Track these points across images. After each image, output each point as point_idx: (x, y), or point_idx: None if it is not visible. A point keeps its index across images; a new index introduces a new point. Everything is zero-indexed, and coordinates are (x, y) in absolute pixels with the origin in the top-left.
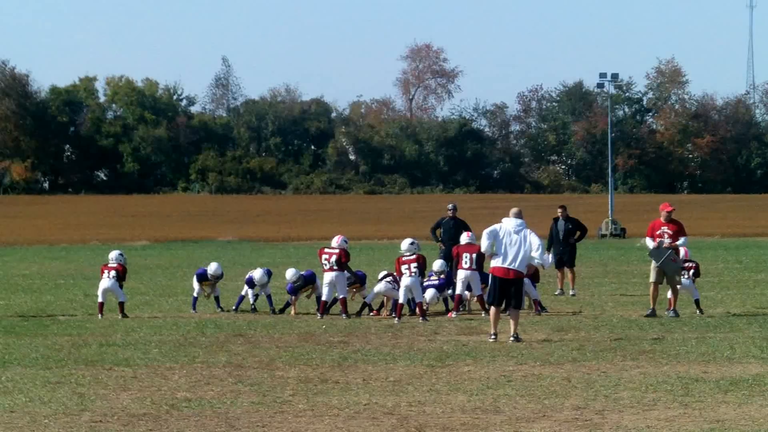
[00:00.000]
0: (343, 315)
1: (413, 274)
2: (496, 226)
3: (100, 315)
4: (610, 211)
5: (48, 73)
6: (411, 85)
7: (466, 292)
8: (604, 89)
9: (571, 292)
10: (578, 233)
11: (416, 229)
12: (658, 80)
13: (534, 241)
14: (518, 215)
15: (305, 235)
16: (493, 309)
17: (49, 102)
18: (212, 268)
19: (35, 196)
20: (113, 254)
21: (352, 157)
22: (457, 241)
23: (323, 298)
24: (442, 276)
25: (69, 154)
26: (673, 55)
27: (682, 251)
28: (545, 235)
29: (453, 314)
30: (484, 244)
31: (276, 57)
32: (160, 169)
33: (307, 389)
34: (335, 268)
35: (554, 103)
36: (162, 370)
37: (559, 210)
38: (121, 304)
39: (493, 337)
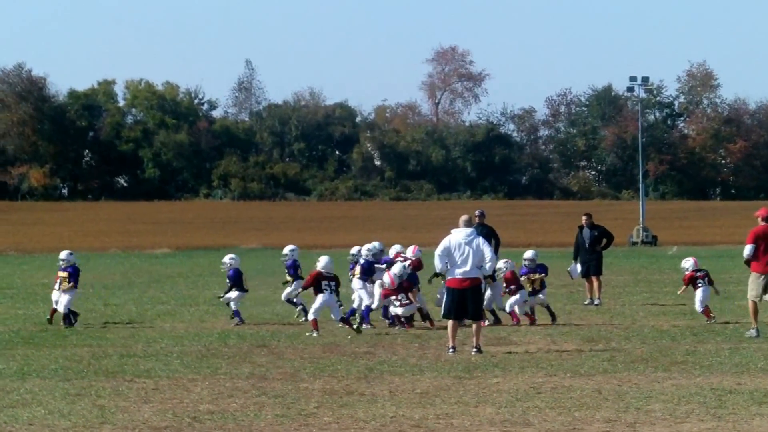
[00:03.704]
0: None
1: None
2: (446, 241)
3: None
4: (641, 218)
5: (66, 76)
6: (437, 88)
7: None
8: (635, 93)
9: (596, 301)
10: (605, 241)
11: (443, 236)
12: (689, 84)
13: (486, 252)
14: (468, 224)
15: (330, 243)
16: (450, 322)
17: (67, 106)
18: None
19: (54, 202)
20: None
21: (377, 163)
22: None
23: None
24: None
25: (88, 159)
26: (704, 59)
27: None
28: (571, 244)
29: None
30: (438, 265)
31: (300, 60)
32: (182, 175)
33: (333, 401)
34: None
35: (583, 108)
36: (184, 381)
37: (584, 218)
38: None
39: (452, 350)
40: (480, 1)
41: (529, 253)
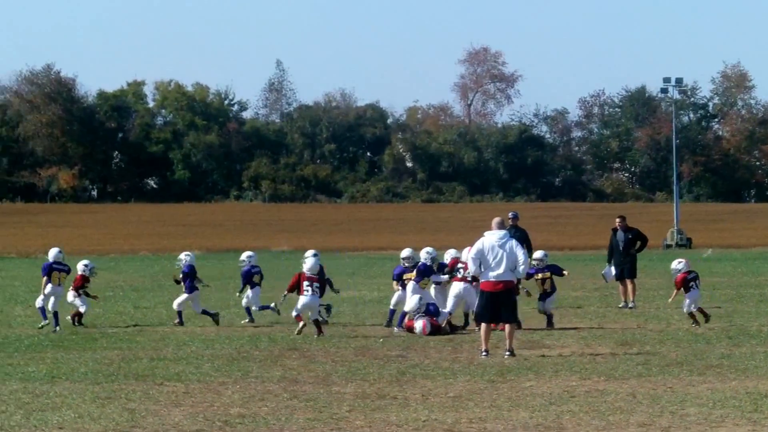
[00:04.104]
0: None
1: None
2: (479, 244)
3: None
4: (675, 221)
5: (95, 77)
6: (469, 90)
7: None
8: (668, 94)
9: (630, 305)
10: (639, 244)
11: (475, 239)
12: (723, 85)
13: (519, 255)
14: (501, 226)
15: (361, 245)
16: (483, 325)
17: (96, 107)
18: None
19: (83, 204)
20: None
21: (409, 165)
22: None
23: (448, 309)
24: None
25: (117, 161)
26: (739, 60)
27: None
28: (605, 246)
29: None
30: (472, 267)
31: (331, 61)
32: (212, 177)
33: (365, 405)
34: (468, 279)
35: (617, 109)
36: (215, 385)
37: (618, 220)
38: None
39: (485, 353)
40: (512, 1)
41: (538, 253)
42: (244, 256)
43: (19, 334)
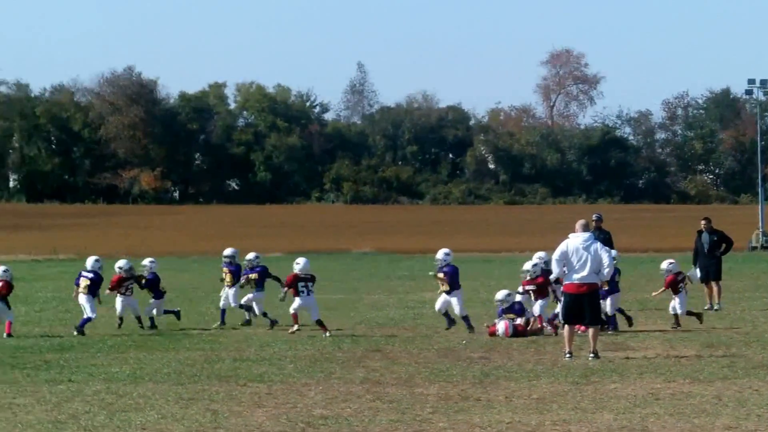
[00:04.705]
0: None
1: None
2: (563, 246)
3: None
4: (760, 223)
5: (176, 79)
6: (552, 91)
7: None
8: (753, 96)
9: (716, 306)
10: (724, 246)
11: (559, 241)
12: None
13: (604, 258)
14: (585, 228)
15: (442, 247)
16: (566, 327)
17: (178, 109)
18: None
19: (165, 206)
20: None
21: (491, 166)
22: None
23: (539, 312)
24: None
25: (199, 162)
26: None
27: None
28: (690, 248)
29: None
30: (555, 269)
31: (412, 63)
32: (293, 179)
33: (448, 407)
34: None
35: (701, 111)
36: (297, 386)
37: (703, 222)
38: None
39: (568, 355)
40: (595, 2)
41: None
42: (251, 255)
43: (102, 334)
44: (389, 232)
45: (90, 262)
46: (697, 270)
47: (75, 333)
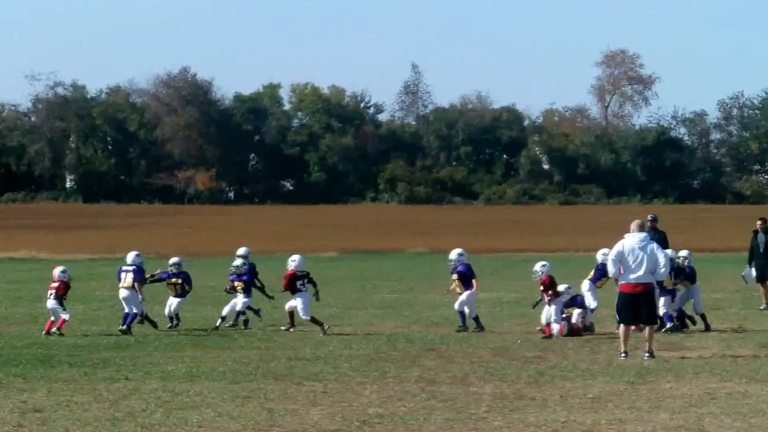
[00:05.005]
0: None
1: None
2: (619, 245)
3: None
4: None
5: (231, 80)
6: (606, 92)
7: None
8: None
9: None
10: None
11: (613, 241)
12: None
13: (660, 258)
14: (641, 228)
15: (499, 247)
16: (622, 326)
17: (233, 110)
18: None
19: (220, 206)
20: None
21: (545, 167)
22: None
23: (554, 316)
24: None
25: (254, 163)
26: None
27: None
28: (745, 248)
29: None
30: (611, 269)
31: (467, 64)
32: (348, 179)
33: (503, 406)
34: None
35: (756, 111)
36: (353, 385)
37: (759, 222)
38: (63, 321)
39: (624, 355)
40: (650, 2)
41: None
42: (238, 262)
43: (158, 332)
44: (443, 233)
45: (131, 256)
46: (753, 270)
47: (122, 332)
